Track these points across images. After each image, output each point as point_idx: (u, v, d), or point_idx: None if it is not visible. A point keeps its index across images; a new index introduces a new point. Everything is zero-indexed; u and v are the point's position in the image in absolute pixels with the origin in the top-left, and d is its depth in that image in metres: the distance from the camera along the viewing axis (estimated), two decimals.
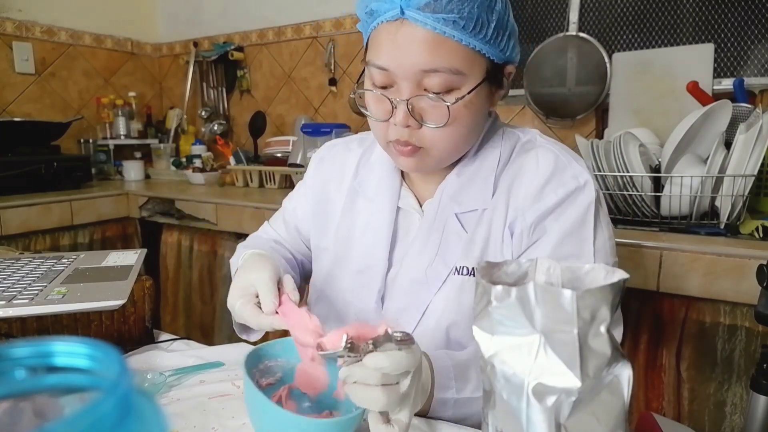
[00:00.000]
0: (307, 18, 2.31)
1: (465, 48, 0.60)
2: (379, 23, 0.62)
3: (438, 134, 0.63)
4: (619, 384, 0.36)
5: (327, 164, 0.86)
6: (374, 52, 0.63)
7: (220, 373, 0.73)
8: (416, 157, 0.66)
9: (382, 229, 0.75)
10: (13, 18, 2.24)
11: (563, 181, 0.67)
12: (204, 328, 1.92)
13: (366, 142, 0.84)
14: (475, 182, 0.71)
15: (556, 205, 0.66)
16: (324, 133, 1.89)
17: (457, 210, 0.71)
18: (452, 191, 0.72)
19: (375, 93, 0.65)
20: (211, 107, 2.63)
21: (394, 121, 0.63)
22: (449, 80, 0.61)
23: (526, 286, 0.35)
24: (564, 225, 0.66)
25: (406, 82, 0.61)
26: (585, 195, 0.67)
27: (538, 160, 0.69)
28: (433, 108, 0.62)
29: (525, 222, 0.67)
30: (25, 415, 0.23)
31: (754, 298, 0.86)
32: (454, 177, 0.72)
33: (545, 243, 0.66)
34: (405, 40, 0.59)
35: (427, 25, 0.58)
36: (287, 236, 0.88)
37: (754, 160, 1.13)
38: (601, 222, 0.68)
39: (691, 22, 1.61)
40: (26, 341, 0.23)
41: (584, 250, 0.66)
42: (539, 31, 1.85)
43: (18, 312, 0.63)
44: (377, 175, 0.78)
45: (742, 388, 1.05)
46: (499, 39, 0.62)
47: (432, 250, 0.71)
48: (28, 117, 2.28)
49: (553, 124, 1.83)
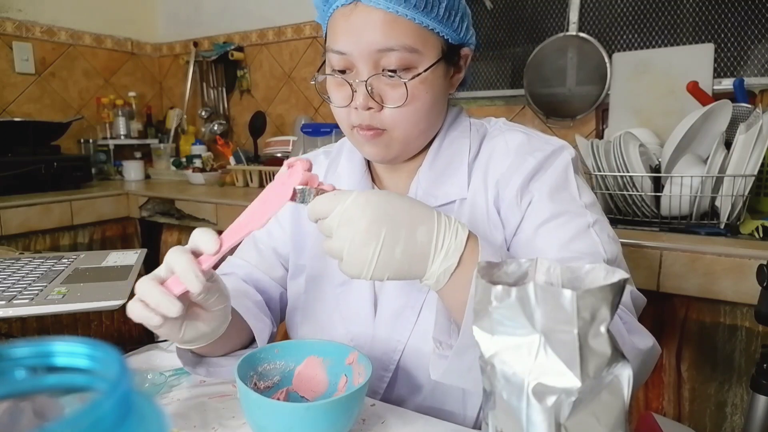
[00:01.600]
0: (307, 18, 2.32)
1: (418, 26, 0.61)
2: (335, 9, 0.63)
3: (398, 114, 0.64)
4: (619, 384, 0.36)
5: None
6: (332, 38, 0.65)
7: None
8: (381, 142, 0.66)
9: None
10: (13, 18, 2.24)
11: (538, 146, 0.68)
12: None
13: (331, 154, 0.83)
14: (448, 173, 0.71)
15: (536, 168, 0.67)
16: (324, 133, 1.89)
17: (434, 203, 0.69)
18: (426, 185, 0.71)
19: (335, 78, 0.66)
20: (211, 107, 2.64)
21: (355, 104, 0.64)
22: (405, 58, 0.62)
23: (526, 286, 0.35)
24: (549, 183, 0.66)
25: (364, 63, 0.62)
26: (562, 157, 0.68)
27: (506, 142, 0.70)
28: (391, 88, 0.63)
29: (510, 193, 0.67)
30: (25, 415, 0.23)
31: (754, 298, 0.86)
32: (426, 170, 0.72)
33: (538, 203, 0.66)
34: (360, 22, 0.61)
35: (380, 5, 0.59)
36: (260, 262, 0.82)
37: (754, 160, 1.13)
38: (581, 181, 0.68)
39: (691, 22, 1.61)
40: (26, 341, 0.23)
41: (577, 205, 0.66)
42: (539, 31, 1.85)
43: (18, 312, 0.63)
44: (346, 181, 0.77)
45: (742, 388, 1.05)
46: (452, 19, 0.64)
47: None
48: (28, 117, 2.28)
49: (553, 124, 1.83)
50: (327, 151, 0.85)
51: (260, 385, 0.60)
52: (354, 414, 0.54)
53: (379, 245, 0.49)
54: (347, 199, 0.51)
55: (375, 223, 0.50)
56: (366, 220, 0.50)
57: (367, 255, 0.50)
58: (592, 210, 0.66)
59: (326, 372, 0.62)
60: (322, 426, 0.51)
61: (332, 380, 0.62)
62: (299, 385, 0.62)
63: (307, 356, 0.62)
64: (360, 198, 0.51)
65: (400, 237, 0.50)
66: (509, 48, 1.92)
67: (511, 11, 1.90)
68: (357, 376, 0.59)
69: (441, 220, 0.52)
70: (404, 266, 0.51)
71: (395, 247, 0.50)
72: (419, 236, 0.51)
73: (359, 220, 0.50)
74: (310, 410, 0.51)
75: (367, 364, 0.57)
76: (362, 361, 0.58)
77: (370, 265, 0.50)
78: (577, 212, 0.65)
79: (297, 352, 0.62)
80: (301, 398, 0.61)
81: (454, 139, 0.72)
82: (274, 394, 0.60)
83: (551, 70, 1.79)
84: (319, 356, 0.62)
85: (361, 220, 0.50)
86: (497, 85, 1.96)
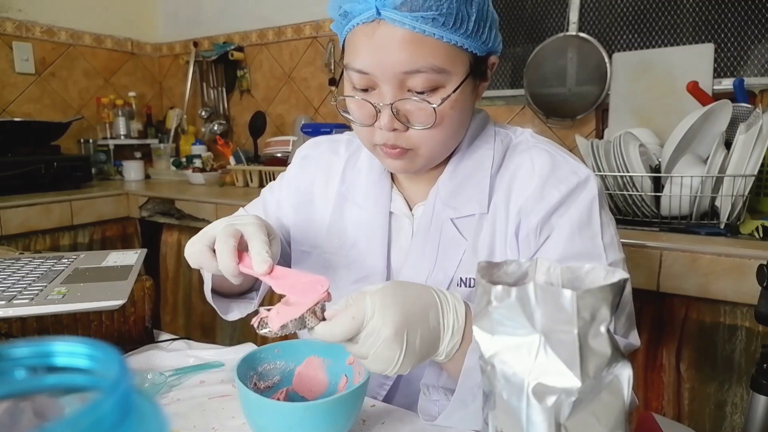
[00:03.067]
0: (307, 18, 2.31)
1: (446, 45, 0.57)
2: (355, 25, 0.59)
3: (425, 135, 0.62)
4: (619, 384, 0.36)
5: (312, 164, 0.82)
6: (352, 55, 0.61)
7: (220, 373, 0.73)
8: (405, 159, 0.65)
9: (376, 236, 0.73)
10: (13, 18, 2.24)
11: (563, 177, 0.66)
12: (204, 327, 1.92)
13: (353, 146, 0.81)
14: (469, 185, 0.69)
15: (560, 202, 0.65)
16: (324, 133, 1.88)
17: (452, 215, 0.68)
18: (445, 195, 0.69)
19: (357, 99, 0.62)
20: (211, 107, 2.63)
21: (379, 126, 0.61)
22: (433, 79, 0.59)
23: (526, 286, 0.35)
24: (571, 220, 0.64)
25: (388, 86, 0.59)
26: (588, 190, 0.65)
27: (533, 161, 0.68)
28: (418, 109, 0.60)
29: (530, 224, 0.65)
30: (25, 415, 0.23)
31: (754, 298, 0.86)
32: (447, 180, 0.70)
33: (555, 240, 0.64)
34: (383, 42, 0.57)
35: (405, 24, 0.56)
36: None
37: (754, 160, 1.13)
38: (605, 217, 0.67)
39: (691, 22, 1.61)
40: (26, 341, 0.23)
41: (595, 245, 0.64)
42: (539, 31, 1.85)
43: (18, 312, 0.63)
44: (365, 179, 0.75)
45: (742, 388, 1.05)
46: (481, 32, 0.60)
47: (430, 259, 0.69)
48: (28, 117, 2.28)
49: (553, 124, 1.83)
50: (350, 141, 0.82)
51: (260, 385, 0.60)
52: (354, 414, 0.54)
53: (403, 348, 0.50)
54: (366, 314, 0.50)
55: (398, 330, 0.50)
56: (388, 329, 0.49)
57: (393, 357, 0.50)
58: (610, 250, 0.65)
59: (326, 372, 0.62)
60: (322, 426, 0.51)
61: (332, 380, 0.62)
62: (299, 386, 0.62)
63: (308, 356, 0.62)
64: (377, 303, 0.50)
65: (418, 330, 0.51)
66: (509, 48, 1.92)
67: (511, 11, 1.90)
68: (357, 376, 0.59)
69: (441, 299, 0.53)
70: (423, 353, 0.52)
71: (416, 341, 0.51)
72: (431, 322, 0.52)
73: (382, 329, 0.50)
74: (309, 410, 0.51)
75: None
76: None
77: (396, 364, 0.51)
78: (594, 253, 0.64)
79: (297, 352, 0.62)
80: (301, 398, 0.61)
81: (478, 148, 0.70)
82: (274, 394, 0.60)
83: (551, 70, 1.78)
84: (319, 356, 0.62)
85: (383, 329, 0.50)
86: (497, 85, 1.96)
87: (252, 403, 0.51)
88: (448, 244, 0.68)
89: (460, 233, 0.68)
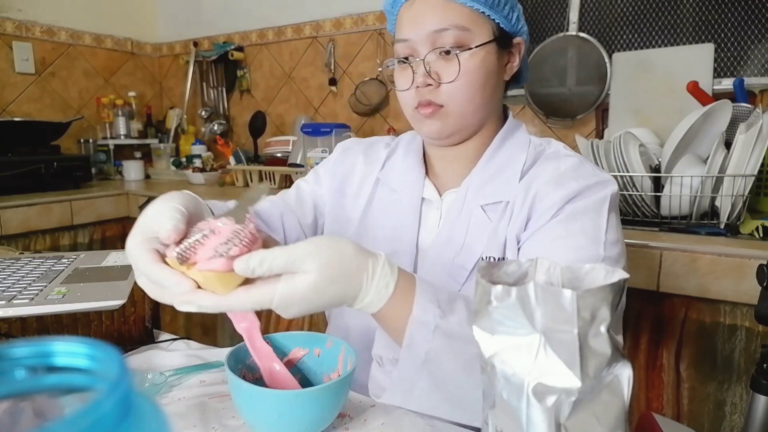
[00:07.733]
0: (307, 18, 2.32)
1: (470, 9, 0.70)
2: (399, 6, 0.74)
3: (453, 89, 0.71)
4: (619, 384, 0.36)
5: (352, 154, 0.89)
6: (397, 31, 0.75)
7: (220, 373, 0.73)
8: (438, 119, 0.73)
9: (407, 218, 0.79)
10: (13, 18, 2.24)
11: (584, 174, 0.70)
12: (204, 327, 1.92)
13: (390, 147, 0.89)
14: (500, 179, 0.75)
15: (576, 192, 0.68)
16: (324, 133, 1.89)
17: (482, 202, 0.74)
18: (477, 184, 0.75)
19: (398, 65, 0.75)
20: (211, 107, 2.64)
21: (416, 83, 0.72)
22: (458, 36, 0.69)
23: (526, 286, 0.35)
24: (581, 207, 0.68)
25: (422, 45, 0.71)
26: (605, 190, 0.69)
27: (559, 164, 0.73)
28: (446, 64, 0.71)
29: (544, 205, 0.69)
30: (25, 415, 0.23)
31: (754, 298, 0.86)
32: (480, 172, 0.76)
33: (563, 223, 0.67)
34: (419, 10, 0.71)
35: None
36: (297, 207, 0.87)
37: (754, 160, 1.13)
38: (614, 219, 0.69)
39: (691, 22, 1.61)
40: (26, 341, 0.23)
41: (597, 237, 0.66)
42: (539, 31, 1.86)
43: (18, 312, 0.63)
44: (401, 167, 0.83)
45: (742, 387, 1.05)
46: (501, 6, 0.71)
47: (458, 241, 0.74)
48: (28, 117, 2.28)
49: (553, 124, 1.83)
50: (387, 142, 0.91)
51: (249, 377, 0.60)
52: (341, 401, 0.56)
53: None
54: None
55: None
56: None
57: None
58: (610, 247, 0.66)
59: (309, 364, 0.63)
60: (312, 412, 0.53)
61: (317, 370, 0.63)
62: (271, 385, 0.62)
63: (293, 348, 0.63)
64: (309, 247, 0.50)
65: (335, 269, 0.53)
66: None
67: None
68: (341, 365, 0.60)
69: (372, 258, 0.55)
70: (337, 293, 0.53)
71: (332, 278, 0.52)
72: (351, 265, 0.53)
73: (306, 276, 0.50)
74: (299, 397, 0.52)
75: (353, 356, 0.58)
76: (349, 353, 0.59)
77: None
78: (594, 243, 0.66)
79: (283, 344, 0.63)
80: None
81: (511, 148, 0.77)
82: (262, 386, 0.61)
83: (551, 70, 1.79)
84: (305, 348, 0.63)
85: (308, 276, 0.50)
86: None
87: (243, 393, 0.52)
88: (476, 227, 0.74)
89: (487, 217, 0.74)
